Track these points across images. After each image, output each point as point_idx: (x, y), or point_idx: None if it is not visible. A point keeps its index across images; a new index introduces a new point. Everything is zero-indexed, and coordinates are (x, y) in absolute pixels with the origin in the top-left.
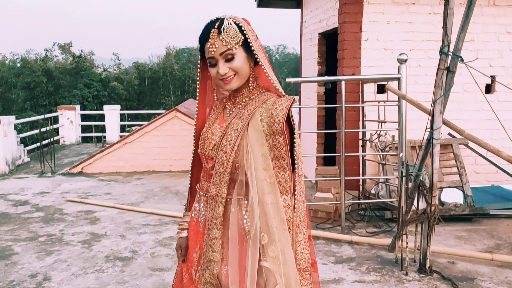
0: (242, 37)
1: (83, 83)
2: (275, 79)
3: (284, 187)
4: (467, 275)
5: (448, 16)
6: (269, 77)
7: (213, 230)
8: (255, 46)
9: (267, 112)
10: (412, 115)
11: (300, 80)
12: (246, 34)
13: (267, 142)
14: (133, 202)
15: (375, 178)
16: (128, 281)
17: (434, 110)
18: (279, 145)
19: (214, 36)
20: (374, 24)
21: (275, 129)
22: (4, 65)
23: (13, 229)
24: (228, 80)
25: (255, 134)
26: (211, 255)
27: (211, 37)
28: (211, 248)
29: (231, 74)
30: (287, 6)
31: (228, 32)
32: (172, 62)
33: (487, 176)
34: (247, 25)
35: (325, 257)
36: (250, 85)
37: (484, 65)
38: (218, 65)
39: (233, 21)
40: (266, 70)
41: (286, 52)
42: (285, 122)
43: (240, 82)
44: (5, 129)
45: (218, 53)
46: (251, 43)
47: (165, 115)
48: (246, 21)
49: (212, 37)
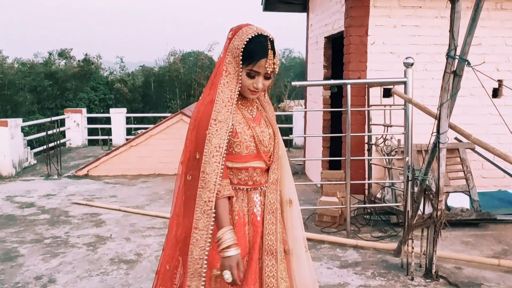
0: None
1: (90, 86)
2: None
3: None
4: (474, 280)
5: (455, 20)
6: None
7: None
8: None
9: (271, 110)
10: (418, 119)
11: (306, 83)
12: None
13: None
14: (139, 205)
15: (381, 182)
16: (133, 284)
17: (441, 114)
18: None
19: (271, 57)
20: (380, 28)
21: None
22: (12, 68)
23: (19, 231)
24: (256, 93)
25: (276, 128)
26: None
27: (269, 58)
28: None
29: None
30: (293, 10)
31: (277, 57)
32: (178, 65)
33: (494, 181)
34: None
35: (330, 262)
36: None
37: (491, 69)
38: (258, 79)
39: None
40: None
41: (292, 56)
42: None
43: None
44: (12, 132)
45: (269, 70)
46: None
47: (170, 118)
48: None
49: (270, 58)
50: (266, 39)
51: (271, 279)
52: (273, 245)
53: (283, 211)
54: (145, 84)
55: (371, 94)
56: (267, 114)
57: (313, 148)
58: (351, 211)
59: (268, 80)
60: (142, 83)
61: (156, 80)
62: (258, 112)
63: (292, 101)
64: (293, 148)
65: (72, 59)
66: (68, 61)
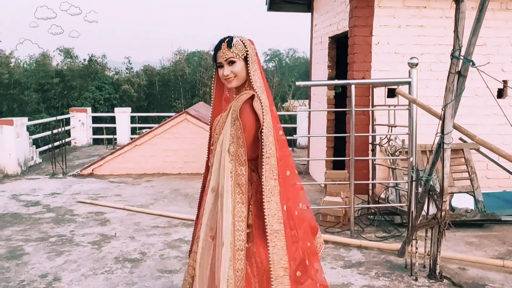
0: (245, 52)
1: (95, 86)
2: (259, 84)
3: (240, 160)
4: (478, 281)
5: (460, 20)
6: (252, 82)
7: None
8: (251, 59)
9: (235, 105)
10: (422, 119)
11: (310, 83)
12: (247, 50)
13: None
14: (143, 204)
15: (385, 183)
16: (137, 283)
17: (445, 115)
18: (238, 127)
19: (224, 48)
20: (385, 28)
21: (235, 116)
22: (19, 67)
23: (24, 229)
24: (229, 80)
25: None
26: None
27: (222, 48)
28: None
29: (232, 76)
30: (298, 10)
31: (236, 46)
32: (183, 65)
33: (498, 182)
34: (250, 44)
35: (334, 261)
36: (246, 87)
37: (496, 70)
38: (223, 68)
39: (240, 40)
40: (251, 77)
41: (296, 56)
42: (250, 112)
43: (238, 83)
44: (18, 131)
45: (224, 59)
46: (249, 57)
47: (175, 118)
48: (251, 41)
49: (223, 48)
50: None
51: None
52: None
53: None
54: (149, 84)
55: (376, 94)
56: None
57: (317, 148)
58: (355, 211)
59: (233, 66)
60: (146, 83)
61: (161, 79)
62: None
63: (296, 101)
64: (297, 148)
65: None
66: (73, 60)
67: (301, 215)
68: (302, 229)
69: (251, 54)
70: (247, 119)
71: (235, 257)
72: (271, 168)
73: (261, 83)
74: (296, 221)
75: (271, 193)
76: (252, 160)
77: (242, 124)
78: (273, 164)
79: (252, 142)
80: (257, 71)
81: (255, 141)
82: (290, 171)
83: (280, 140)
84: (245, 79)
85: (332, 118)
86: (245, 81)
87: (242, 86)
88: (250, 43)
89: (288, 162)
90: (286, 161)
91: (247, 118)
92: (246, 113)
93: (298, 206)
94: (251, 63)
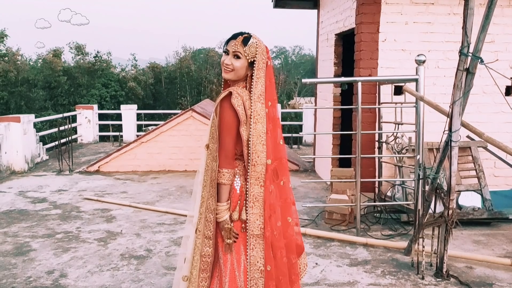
0: (253, 58)
1: (101, 83)
2: (258, 92)
3: (213, 155)
4: (485, 280)
5: (468, 17)
6: (252, 87)
7: None
8: (257, 66)
9: (216, 102)
10: (429, 117)
11: (316, 81)
12: (256, 57)
13: (212, 122)
14: (149, 201)
15: (391, 181)
16: (143, 280)
17: (453, 112)
18: (216, 123)
19: (239, 41)
20: (391, 25)
21: (215, 112)
22: (26, 65)
23: (31, 226)
24: (226, 70)
25: (213, 115)
26: None
27: (237, 40)
28: None
29: (231, 68)
30: (304, 7)
31: (249, 47)
32: (189, 62)
33: (506, 180)
34: (262, 53)
35: (340, 260)
36: (239, 86)
37: (505, 67)
38: (228, 56)
39: (255, 44)
40: (252, 83)
41: (302, 53)
42: (228, 109)
43: (233, 77)
44: (25, 127)
45: (233, 50)
46: (255, 64)
47: (181, 115)
48: (267, 50)
49: (238, 40)
50: (245, 34)
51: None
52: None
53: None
54: (155, 81)
55: (382, 91)
56: (216, 107)
57: (323, 146)
58: (361, 209)
59: (236, 61)
60: (153, 80)
61: (168, 77)
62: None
63: (302, 98)
64: (303, 146)
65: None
66: (82, 57)
67: (286, 228)
68: (283, 242)
69: (258, 61)
70: (225, 116)
71: (204, 244)
72: (257, 175)
73: (262, 91)
74: (278, 233)
75: (255, 199)
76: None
77: (220, 121)
78: (260, 172)
79: (236, 138)
80: (261, 79)
81: (239, 137)
82: (284, 181)
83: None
84: (241, 78)
85: (338, 116)
86: (240, 80)
87: (235, 83)
88: (265, 51)
89: (283, 172)
90: (283, 170)
91: (224, 114)
92: (223, 110)
93: (285, 219)
94: (256, 69)
